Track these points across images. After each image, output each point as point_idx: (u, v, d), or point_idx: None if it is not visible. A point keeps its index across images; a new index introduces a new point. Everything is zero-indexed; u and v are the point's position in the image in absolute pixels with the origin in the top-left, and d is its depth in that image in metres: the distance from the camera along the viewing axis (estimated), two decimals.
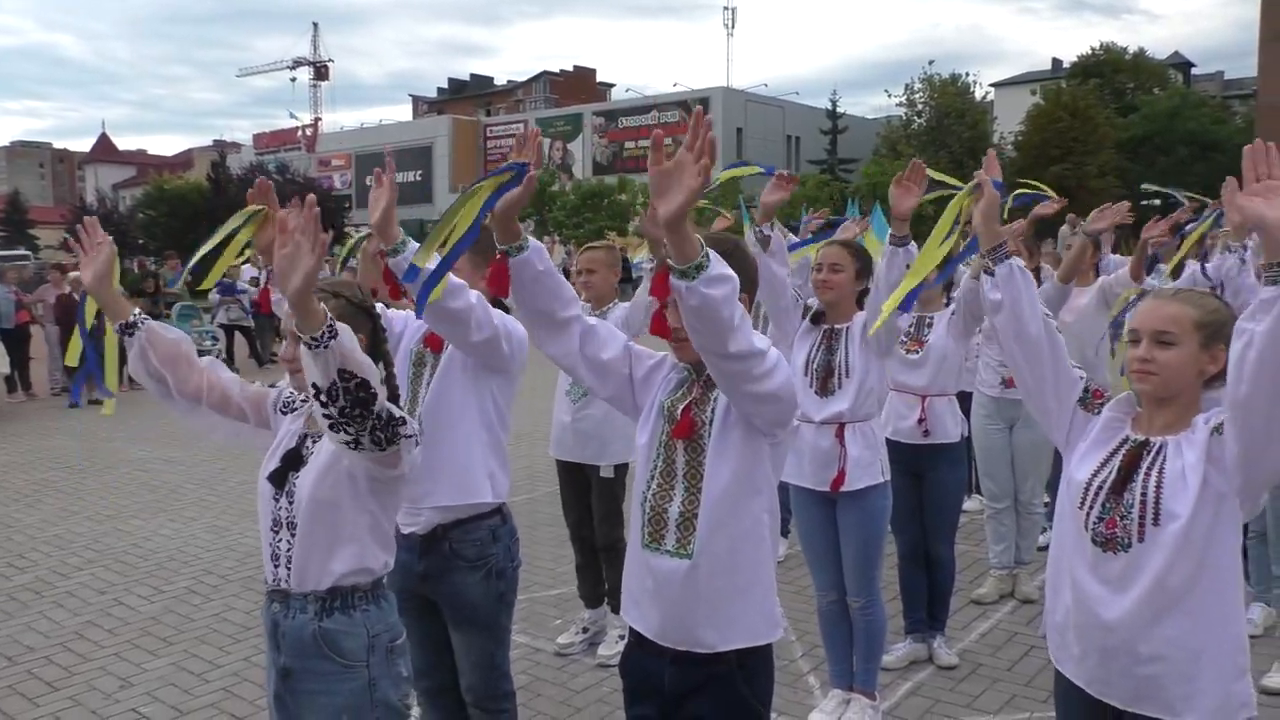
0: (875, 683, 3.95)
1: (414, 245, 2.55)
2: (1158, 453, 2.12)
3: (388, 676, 2.33)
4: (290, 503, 2.30)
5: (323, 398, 2.01)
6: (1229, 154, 36.57)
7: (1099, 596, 2.13)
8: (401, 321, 3.10)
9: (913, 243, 3.40)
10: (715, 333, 1.93)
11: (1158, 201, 6.81)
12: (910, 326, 4.39)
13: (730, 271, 1.90)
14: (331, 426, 2.05)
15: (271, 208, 2.70)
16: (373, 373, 2.04)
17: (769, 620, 2.26)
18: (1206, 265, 4.50)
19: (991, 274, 2.35)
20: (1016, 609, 5.08)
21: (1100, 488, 2.16)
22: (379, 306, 2.52)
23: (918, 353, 4.37)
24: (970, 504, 6.21)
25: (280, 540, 2.32)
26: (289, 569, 2.30)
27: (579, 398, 4.43)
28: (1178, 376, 2.12)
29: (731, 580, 2.19)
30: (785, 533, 5.84)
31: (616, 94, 68.09)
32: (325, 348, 1.95)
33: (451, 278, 2.52)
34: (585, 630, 4.70)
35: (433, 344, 3.00)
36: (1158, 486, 2.08)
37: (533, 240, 2.24)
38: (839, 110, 46.58)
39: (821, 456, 3.73)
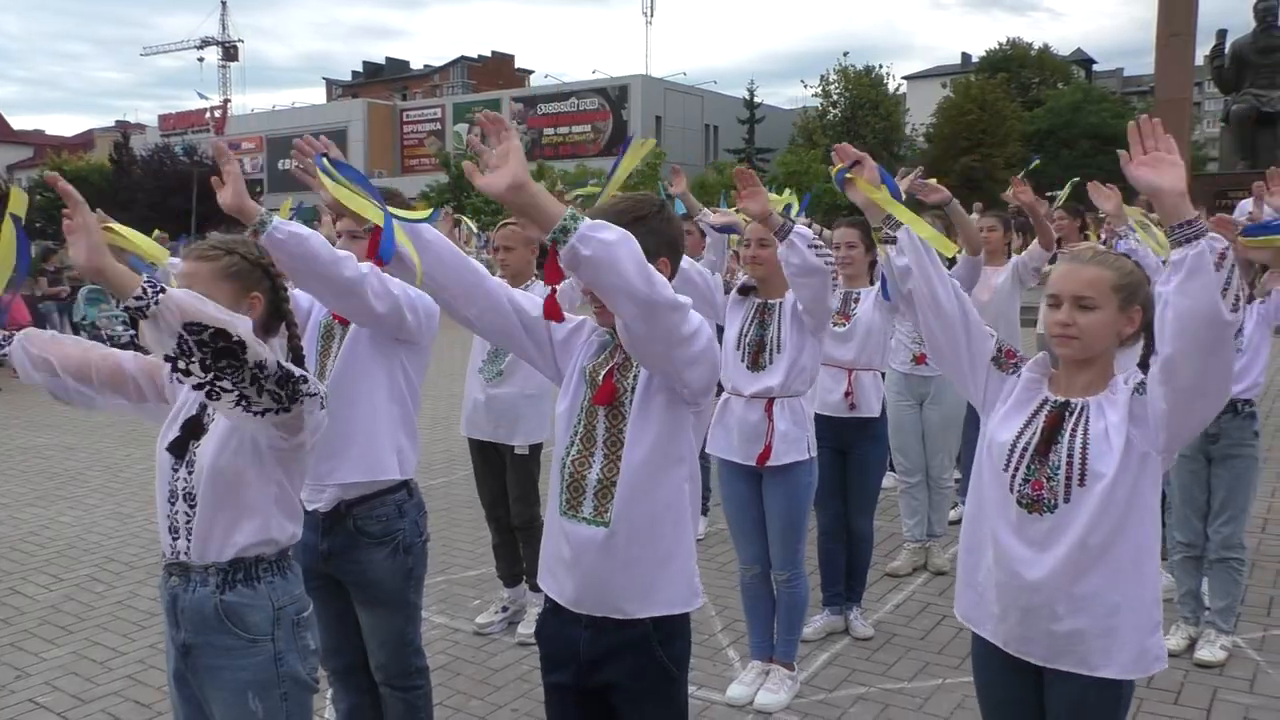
0: (795, 654, 4.00)
1: (276, 220, 2.53)
2: (1080, 414, 2.16)
3: (294, 650, 2.25)
4: (190, 473, 2.20)
5: (180, 362, 1.84)
6: (1128, 148, 38.00)
7: (1023, 557, 2.16)
8: (309, 296, 3.02)
9: (797, 224, 3.46)
10: (630, 283, 1.81)
11: (1061, 191, 7.16)
12: (838, 301, 4.44)
13: (607, 223, 1.82)
14: (209, 393, 1.90)
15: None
16: (233, 323, 1.88)
17: (689, 589, 2.22)
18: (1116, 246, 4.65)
19: (894, 241, 2.35)
20: (929, 580, 5.20)
21: (1025, 450, 2.18)
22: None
23: (845, 326, 4.40)
24: (886, 481, 6.34)
25: (178, 512, 2.22)
26: (189, 541, 2.20)
27: (493, 376, 4.38)
28: (1098, 339, 2.16)
29: (650, 549, 2.15)
30: (705, 510, 5.88)
31: (535, 80, 67.59)
32: (155, 304, 1.79)
33: (336, 251, 2.52)
34: (504, 609, 4.66)
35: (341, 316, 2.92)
36: (1083, 447, 2.12)
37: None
38: (756, 100, 46.96)
39: (749, 431, 3.74)
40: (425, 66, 75.79)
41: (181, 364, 1.85)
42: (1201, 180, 21.73)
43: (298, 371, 2.02)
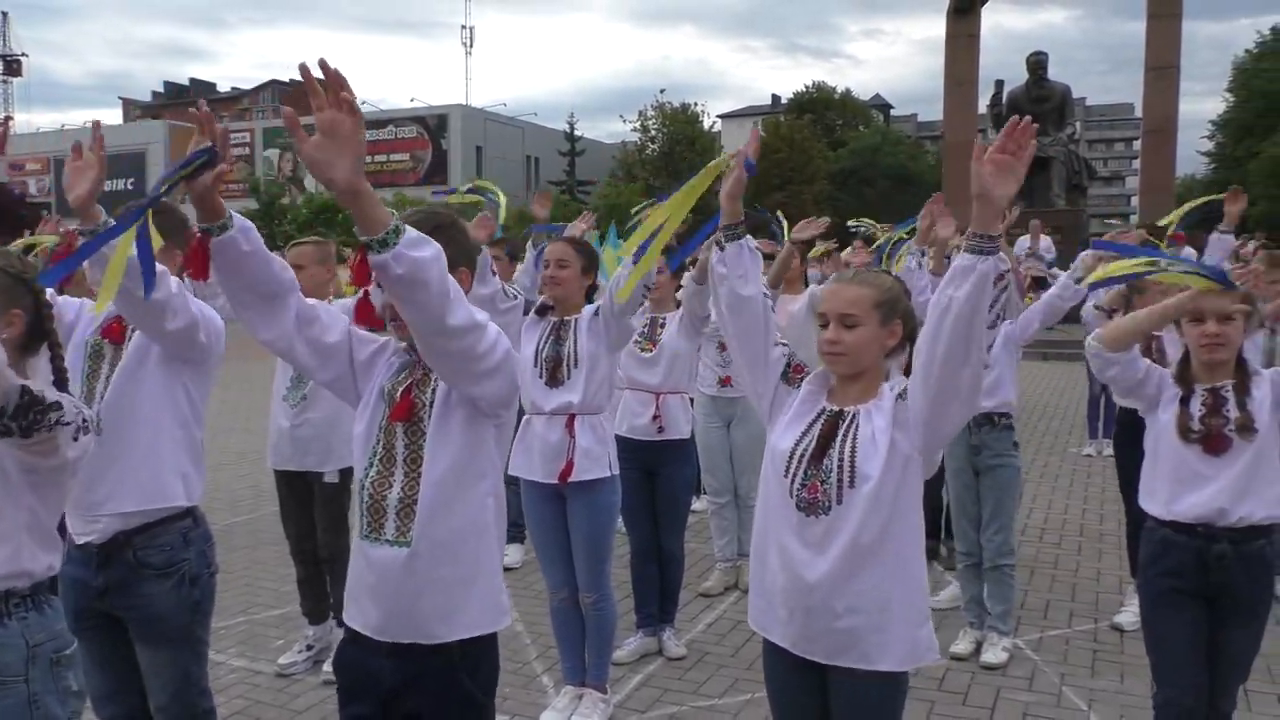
0: (606, 676, 4.02)
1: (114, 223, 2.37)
2: (851, 420, 2.29)
3: (53, 691, 2.09)
4: None
5: None
6: (923, 187, 40.67)
7: (803, 559, 2.26)
8: (74, 310, 2.83)
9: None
10: (430, 305, 1.84)
11: (862, 229, 7.62)
12: (644, 326, 4.53)
13: (428, 238, 1.83)
14: None
15: None
16: None
17: (495, 608, 2.21)
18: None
19: (722, 248, 2.42)
20: (740, 599, 5.32)
21: (802, 456, 2.30)
22: (50, 292, 2.28)
23: (651, 351, 4.51)
24: (698, 504, 6.48)
25: None
26: None
27: (297, 402, 4.22)
28: (864, 353, 2.30)
29: (455, 568, 2.13)
30: (521, 539, 5.84)
31: None
32: None
33: (157, 265, 2.35)
34: (309, 647, 4.47)
35: (112, 334, 2.76)
36: (852, 451, 2.24)
37: (240, 219, 2.06)
38: (577, 133, 47.55)
39: (550, 449, 3.76)
40: (233, 89, 72.83)
41: None
42: None
43: (50, 398, 1.89)
